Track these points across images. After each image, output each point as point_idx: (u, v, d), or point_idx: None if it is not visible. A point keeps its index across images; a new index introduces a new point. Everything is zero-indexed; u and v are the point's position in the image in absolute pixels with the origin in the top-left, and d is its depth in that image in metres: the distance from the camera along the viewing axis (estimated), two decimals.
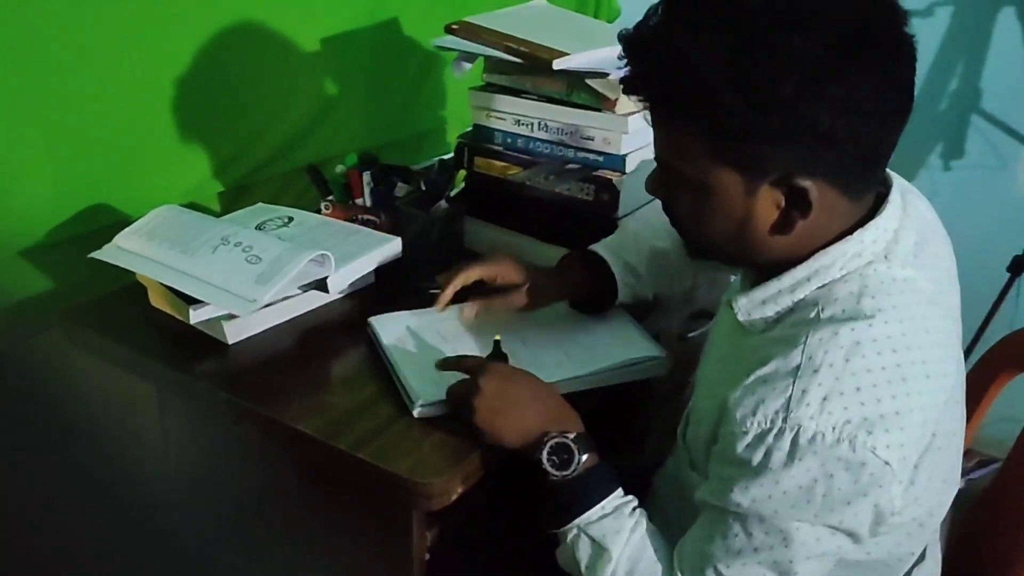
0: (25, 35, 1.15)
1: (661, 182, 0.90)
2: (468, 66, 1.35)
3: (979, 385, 1.17)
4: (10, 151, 1.18)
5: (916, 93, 0.81)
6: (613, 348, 1.16)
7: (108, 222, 1.27)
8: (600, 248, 1.17)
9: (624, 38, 0.83)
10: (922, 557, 0.96)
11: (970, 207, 2.01)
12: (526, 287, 1.16)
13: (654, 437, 1.45)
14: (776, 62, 0.74)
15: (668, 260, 1.18)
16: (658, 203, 0.93)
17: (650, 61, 0.81)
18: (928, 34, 2.06)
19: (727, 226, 0.84)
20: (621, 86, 0.85)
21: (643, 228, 1.19)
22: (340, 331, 1.24)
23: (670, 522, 0.98)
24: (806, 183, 0.79)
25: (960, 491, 0.93)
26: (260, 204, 1.44)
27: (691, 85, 0.77)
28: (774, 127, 0.76)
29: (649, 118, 0.85)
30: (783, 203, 0.82)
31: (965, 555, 1.10)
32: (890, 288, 0.83)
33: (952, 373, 0.84)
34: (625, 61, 0.83)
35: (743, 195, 0.82)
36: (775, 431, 0.78)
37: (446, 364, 1.05)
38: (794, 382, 0.79)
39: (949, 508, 0.93)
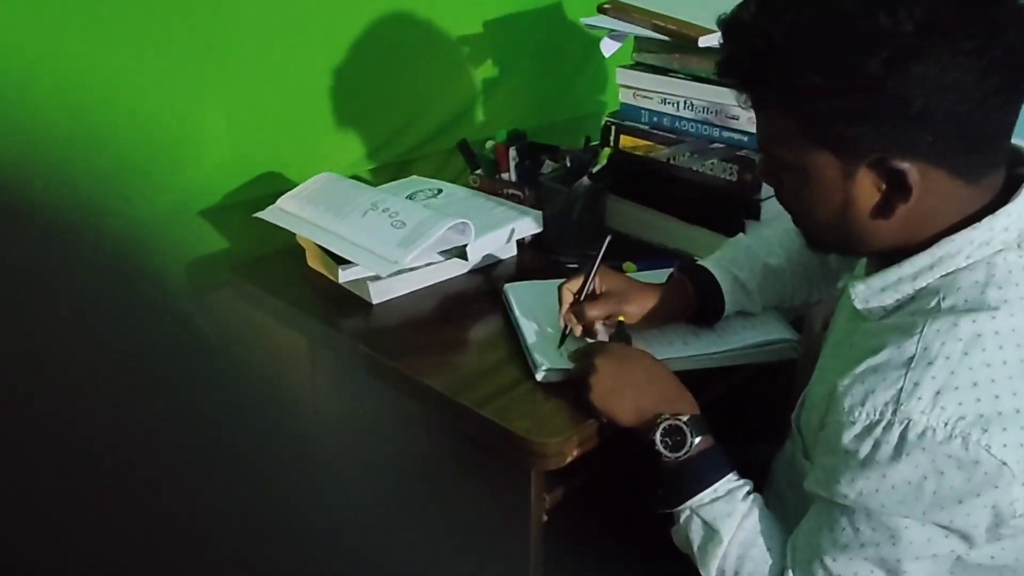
0: (209, 15, 1.27)
1: (766, 168, 0.89)
2: (616, 45, 1.36)
3: None
4: (195, 122, 1.31)
5: None
6: (744, 328, 1.15)
7: (277, 189, 1.37)
8: (709, 263, 1.14)
9: (720, 22, 0.83)
10: None
11: None
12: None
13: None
14: (861, 42, 0.73)
15: (781, 277, 1.14)
16: (774, 218, 0.91)
17: (740, 45, 0.81)
18: None
19: (831, 211, 0.82)
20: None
21: (756, 243, 1.16)
22: (478, 299, 1.29)
23: (788, 510, 0.96)
24: (903, 165, 0.76)
25: None
26: (414, 176, 1.51)
27: (778, 68, 0.77)
28: (862, 108, 0.75)
29: (743, 102, 0.84)
30: (883, 186, 0.79)
31: None
32: (1019, 278, 0.78)
33: None
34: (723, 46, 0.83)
35: (841, 178, 0.80)
36: (884, 424, 0.76)
37: (574, 356, 1.07)
38: (906, 373, 0.76)
39: None
